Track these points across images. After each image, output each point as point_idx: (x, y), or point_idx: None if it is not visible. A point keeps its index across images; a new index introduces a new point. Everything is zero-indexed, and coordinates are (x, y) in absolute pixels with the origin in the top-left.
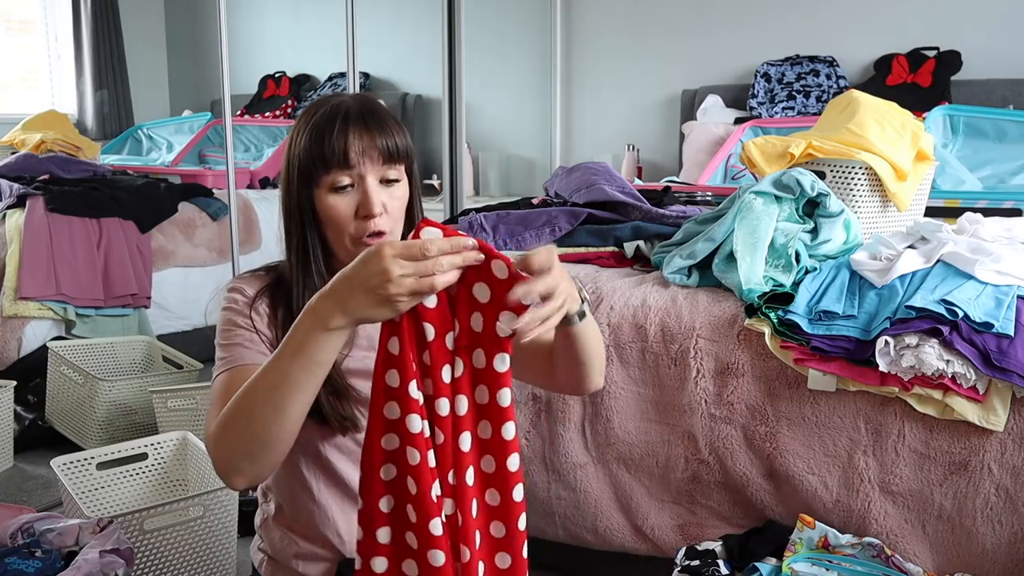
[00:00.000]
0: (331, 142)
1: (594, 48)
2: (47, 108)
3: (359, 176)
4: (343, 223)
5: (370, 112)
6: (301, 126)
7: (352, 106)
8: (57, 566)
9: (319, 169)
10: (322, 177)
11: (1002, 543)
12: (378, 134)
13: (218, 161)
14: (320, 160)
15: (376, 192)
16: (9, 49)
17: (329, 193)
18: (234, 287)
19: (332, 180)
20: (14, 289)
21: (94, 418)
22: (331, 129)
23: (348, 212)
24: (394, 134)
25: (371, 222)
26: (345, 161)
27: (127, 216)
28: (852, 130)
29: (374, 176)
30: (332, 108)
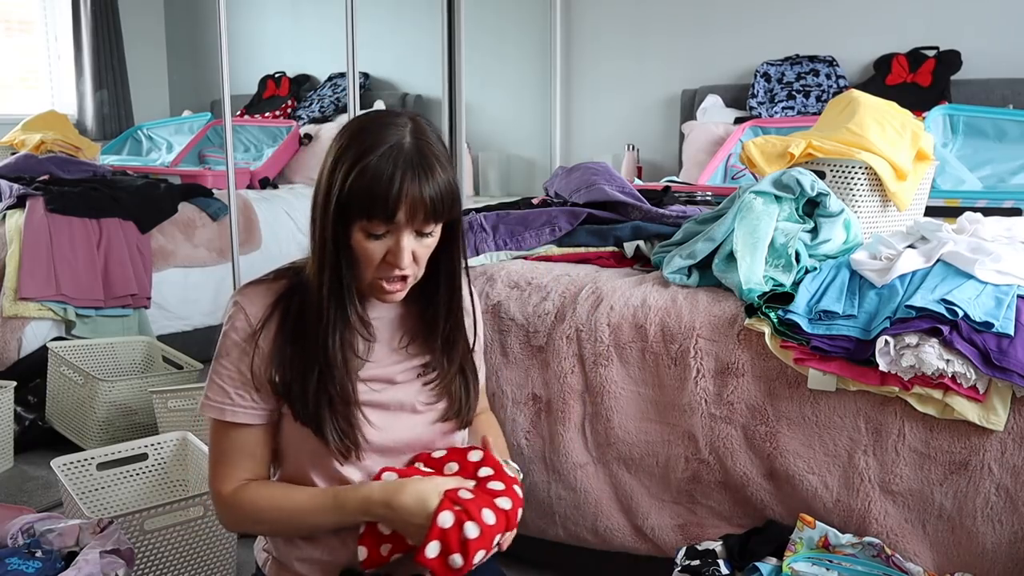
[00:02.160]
0: (382, 195)
1: (594, 48)
2: (47, 108)
3: (396, 229)
4: (369, 264)
5: (427, 166)
6: (351, 153)
7: (411, 153)
8: (57, 567)
9: (362, 215)
10: (362, 222)
11: (1002, 543)
12: (429, 191)
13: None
14: (366, 207)
15: (408, 246)
16: (9, 49)
17: (363, 236)
18: (238, 302)
19: (370, 227)
20: (14, 289)
21: (94, 418)
22: (387, 180)
23: (377, 256)
24: (443, 192)
25: (395, 270)
26: (393, 217)
27: (127, 216)
28: (852, 130)
29: (411, 230)
30: (390, 151)
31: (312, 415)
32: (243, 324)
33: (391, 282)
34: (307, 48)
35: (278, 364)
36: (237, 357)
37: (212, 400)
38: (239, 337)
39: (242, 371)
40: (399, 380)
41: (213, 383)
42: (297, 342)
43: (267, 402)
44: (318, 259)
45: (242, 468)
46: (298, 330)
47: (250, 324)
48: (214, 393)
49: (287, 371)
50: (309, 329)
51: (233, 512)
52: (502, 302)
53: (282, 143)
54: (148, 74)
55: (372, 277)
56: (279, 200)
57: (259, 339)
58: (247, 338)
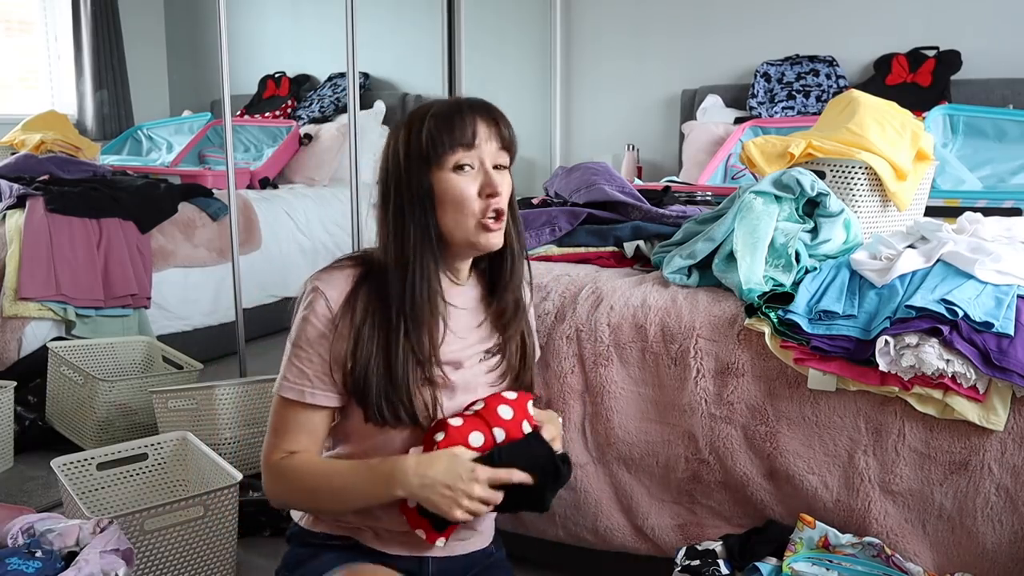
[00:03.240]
0: (460, 123)
1: (594, 48)
2: (47, 108)
3: (479, 159)
4: (468, 201)
5: (488, 104)
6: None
7: (469, 98)
8: (57, 567)
9: (444, 148)
10: (446, 157)
11: (1002, 543)
12: (499, 121)
13: (218, 161)
14: (448, 139)
15: (494, 173)
16: (9, 49)
17: (452, 173)
18: (318, 288)
19: (456, 159)
20: (14, 289)
21: (94, 418)
22: (459, 114)
23: (473, 191)
24: (509, 124)
25: (495, 200)
26: (473, 140)
27: (127, 216)
28: (852, 130)
29: (490, 160)
30: (453, 100)
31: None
32: (323, 310)
33: (492, 219)
34: (307, 48)
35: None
36: (317, 342)
37: (292, 382)
38: (320, 323)
39: (323, 356)
40: (466, 364)
41: (293, 366)
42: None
43: (342, 389)
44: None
45: (299, 443)
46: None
47: (330, 310)
48: (294, 376)
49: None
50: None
51: (278, 479)
52: None
53: (282, 143)
54: (148, 74)
55: (474, 218)
56: (279, 200)
57: (339, 324)
58: (328, 323)
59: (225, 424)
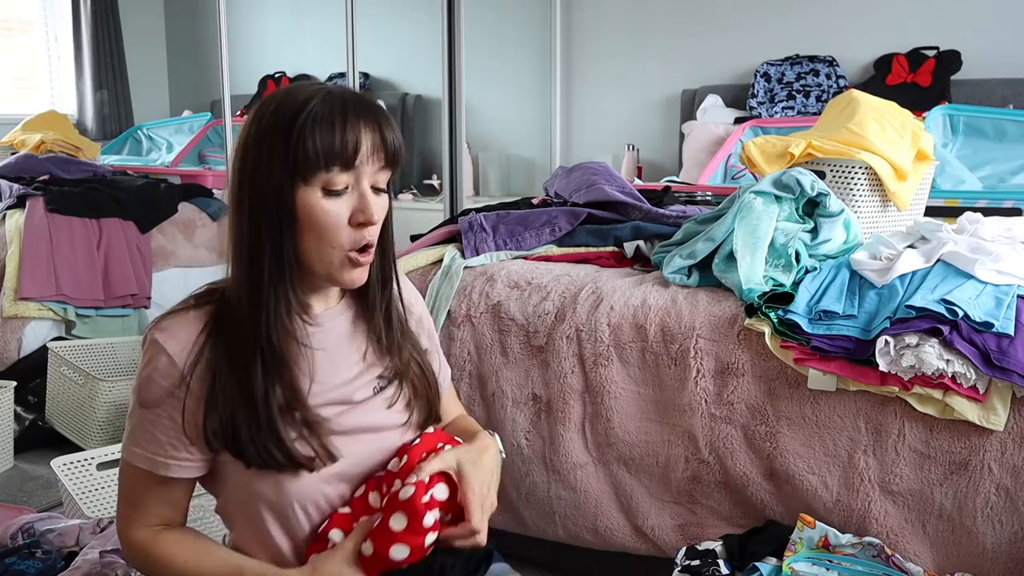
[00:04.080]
0: (341, 134)
1: (594, 48)
2: (47, 108)
3: (356, 179)
4: (335, 230)
5: (372, 105)
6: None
7: (352, 97)
8: (58, 566)
9: (317, 165)
10: (317, 175)
11: (1002, 542)
12: (387, 132)
13: (218, 161)
14: (323, 154)
15: (373, 200)
16: (9, 49)
17: (322, 196)
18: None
19: (329, 180)
20: (14, 289)
21: (94, 418)
22: (341, 121)
23: (342, 217)
24: (397, 134)
25: (367, 231)
26: (353, 158)
27: (127, 216)
28: (852, 130)
29: (369, 180)
30: (330, 96)
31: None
32: (166, 366)
33: (361, 252)
34: (307, 48)
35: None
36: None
37: (144, 449)
38: (165, 382)
39: (174, 419)
40: (358, 399)
41: (143, 430)
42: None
43: (203, 452)
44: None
45: (159, 516)
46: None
47: (175, 365)
48: (145, 441)
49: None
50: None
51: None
52: (502, 302)
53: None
54: (148, 74)
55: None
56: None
57: (189, 380)
58: (174, 381)
59: None
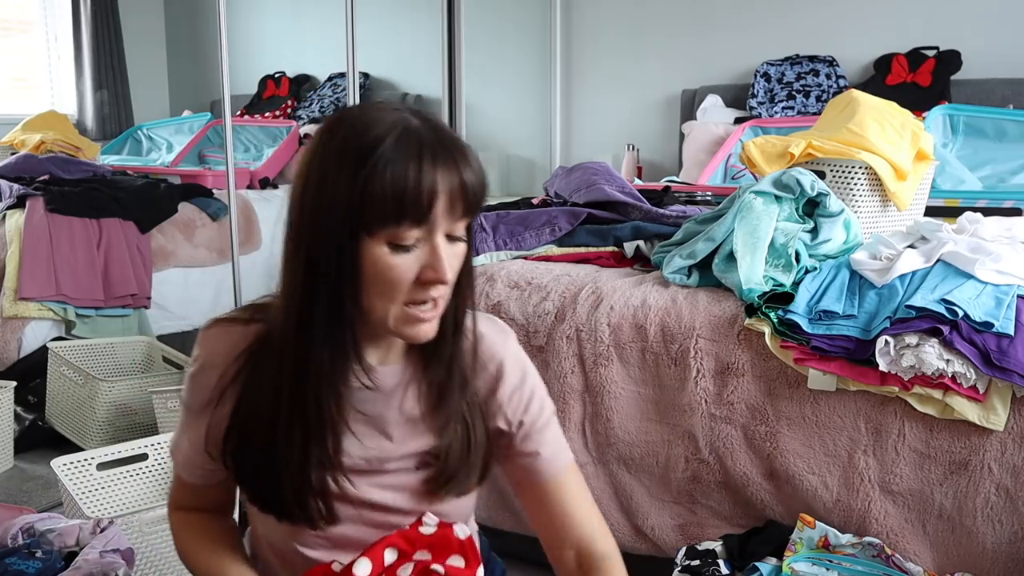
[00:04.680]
0: (415, 189)
1: (594, 48)
2: (47, 108)
3: (429, 231)
4: (399, 286)
5: (457, 146)
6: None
7: (430, 135)
8: (57, 566)
9: (386, 222)
10: (387, 231)
11: (1002, 542)
12: (467, 175)
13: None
14: (393, 210)
15: (446, 251)
16: (9, 49)
17: (389, 251)
18: (207, 345)
19: (398, 235)
20: (14, 289)
21: (94, 418)
22: (416, 172)
23: (410, 274)
24: (480, 174)
25: (434, 289)
26: (427, 214)
27: (127, 216)
28: (852, 130)
29: (443, 231)
30: (405, 134)
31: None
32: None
33: (426, 308)
34: (307, 48)
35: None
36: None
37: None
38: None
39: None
40: (390, 469)
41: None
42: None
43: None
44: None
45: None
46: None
47: (216, 370)
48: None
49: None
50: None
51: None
52: (502, 302)
53: (282, 143)
54: (148, 74)
55: (399, 308)
56: (279, 200)
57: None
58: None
59: None
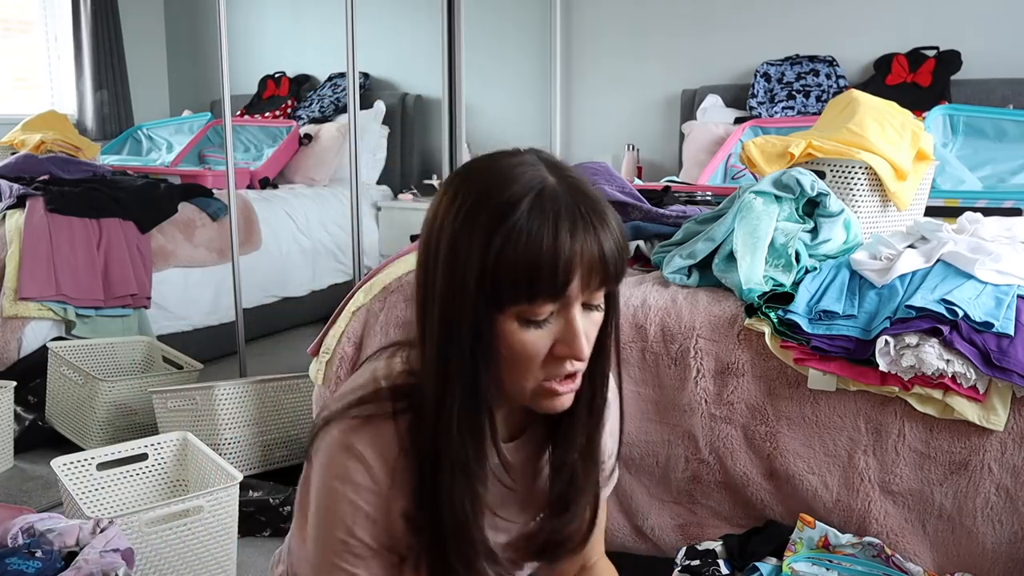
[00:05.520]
0: (548, 262)
1: (594, 48)
2: (47, 108)
3: (563, 305)
4: (532, 363)
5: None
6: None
7: (567, 198)
8: (57, 566)
9: (518, 297)
10: (518, 307)
11: (1002, 543)
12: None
13: (218, 161)
14: (527, 289)
15: (581, 324)
16: (9, 49)
17: (520, 326)
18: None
19: (531, 311)
20: (14, 289)
21: (94, 418)
22: (551, 238)
23: (543, 349)
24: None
25: (569, 363)
26: (563, 291)
27: (127, 216)
28: (852, 130)
29: (580, 302)
30: (540, 199)
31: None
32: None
33: (562, 381)
34: (307, 48)
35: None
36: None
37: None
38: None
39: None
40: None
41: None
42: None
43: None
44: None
45: None
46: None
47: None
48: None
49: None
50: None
51: None
52: None
53: (282, 143)
54: (148, 74)
55: (534, 382)
56: (279, 200)
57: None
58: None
59: (225, 424)
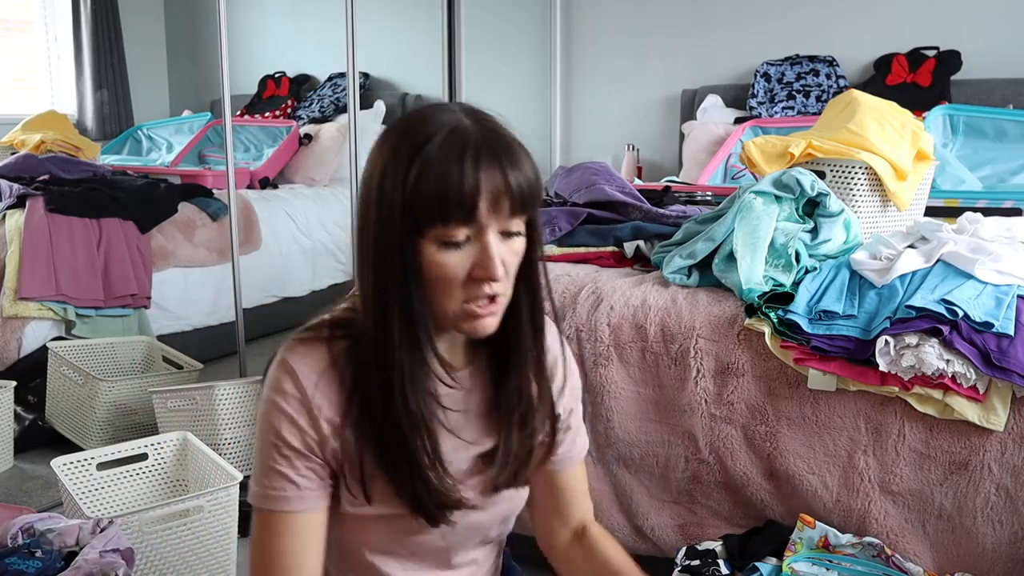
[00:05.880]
0: (455, 185)
1: (594, 48)
2: (47, 108)
3: (479, 229)
4: (452, 284)
5: (500, 143)
6: (401, 152)
7: (477, 134)
8: (57, 566)
9: (434, 219)
10: (435, 228)
11: (1002, 543)
12: (512, 176)
13: (218, 161)
14: (439, 208)
15: (497, 248)
16: (9, 49)
17: (439, 248)
18: (287, 365)
19: (447, 233)
20: (14, 289)
21: (94, 418)
22: (455, 167)
23: (460, 271)
24: (527, 172)
25: (487, 286)
26: (472, 213)
27: (127, 216)
28: (852, 130)
29: (496, 229)
30: (452, 135)
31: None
32: (294, 393)
33: (482, 304)
34: (307, 48)
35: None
36: (293, 437)
37: (271, 487)
38: (291, 410)
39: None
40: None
41: (268, 468)
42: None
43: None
44: (373, 285)
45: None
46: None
47: (301, 393)
48: (267, 479)
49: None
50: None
51: None
52: None
53: (282, 143)
54: (148, 74)
55: (457, 304)
56: (279, 200)
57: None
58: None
59: (225, 424)
